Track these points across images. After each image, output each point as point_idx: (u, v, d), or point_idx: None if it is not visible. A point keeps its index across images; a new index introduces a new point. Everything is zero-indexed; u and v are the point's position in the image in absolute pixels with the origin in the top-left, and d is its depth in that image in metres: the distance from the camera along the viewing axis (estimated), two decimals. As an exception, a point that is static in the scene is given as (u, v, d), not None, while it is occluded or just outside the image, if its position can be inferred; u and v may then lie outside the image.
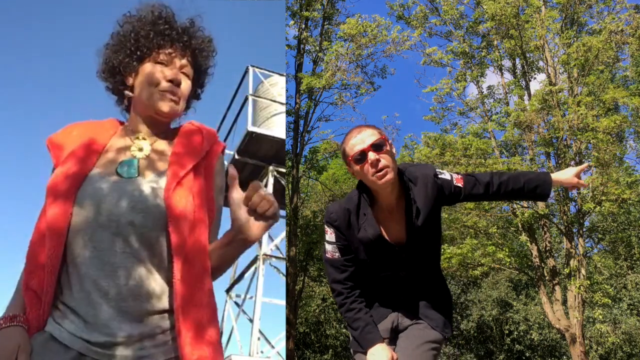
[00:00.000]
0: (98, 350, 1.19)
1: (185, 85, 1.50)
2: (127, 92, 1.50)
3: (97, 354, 1.19)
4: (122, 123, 1.55)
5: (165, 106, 1.44)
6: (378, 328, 2.08)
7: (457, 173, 2.13)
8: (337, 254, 2.06)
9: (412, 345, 2.04)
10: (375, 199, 2.03)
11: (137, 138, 1.46)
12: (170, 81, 1.45)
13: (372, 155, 1.91)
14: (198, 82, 1.60)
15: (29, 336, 1.22)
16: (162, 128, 1.51)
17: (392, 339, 2.14)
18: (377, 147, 1.92)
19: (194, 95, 1.62)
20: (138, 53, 1.47)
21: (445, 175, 2.07)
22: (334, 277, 2.09)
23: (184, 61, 1.50)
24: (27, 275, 1.27)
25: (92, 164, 1.37)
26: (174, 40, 1.49)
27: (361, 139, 1.94)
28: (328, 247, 2.09)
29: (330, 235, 2.06)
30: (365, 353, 2.03)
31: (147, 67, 1.46)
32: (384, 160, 1.91)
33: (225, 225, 1.53)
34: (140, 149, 1.43)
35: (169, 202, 1.30)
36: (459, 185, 2.06)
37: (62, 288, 1.27)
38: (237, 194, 1.29)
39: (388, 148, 1.95)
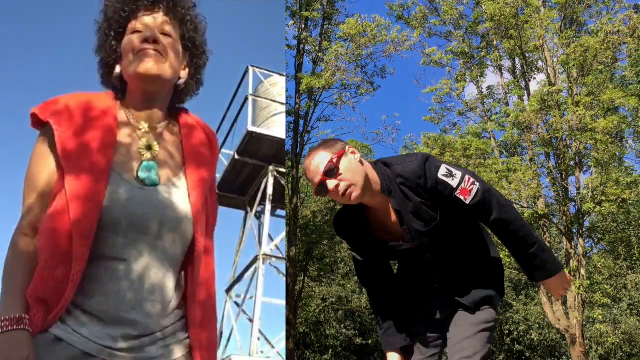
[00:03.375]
0: (112, 352, 1.15)
1: (169, 42, 1.33)
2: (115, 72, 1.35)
3: (111, 355, 1.15)
4: (118, 98, 1.38)
5: (142, 65, 1.28)
6: (400, 332, 2.05)
7: (470, 176, 1.86)
8: (358, 256, 2.08)
9: (462, 332, 1.97)
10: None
11: (140, 129, 1.33)
12: (144, 41, 1.29)
13: (330, 184, 1.81)
14: (189, 47, 1.42)
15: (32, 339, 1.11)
16: (161, 109, 1.38)
17: (439, 328, 2.07)
18: (330, 173, 1.81)
19: (191, 72, 1.45)
20: (112, 34, 1.35)
21: (449, 178, 1.84)
22: (361, 279, 2.13)
23: (160, 18, 1.34)
24: (50, 271, 1.15)
25: (110, 159, 1.24)
26: (141, 3, 1.34)
27: (315, 170, 1.83)
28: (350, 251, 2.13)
29: (348, 245, 2.11)
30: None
31: (125, 40, 1.33)
32: (343, 182, 1.80)
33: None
34: (149, 147, 1.32)
35: (195, 210, 1.30)
36: (461, 197, 1.84)
37: (77, 290, 1.19)
38: None
39: (343, 166, 1.82)
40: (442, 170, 1.85)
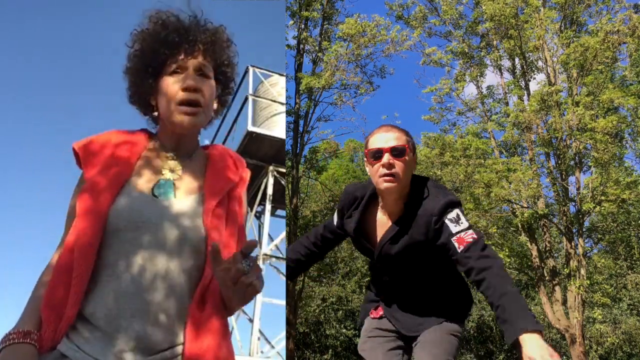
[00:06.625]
0: None
1: (207, 87, 1.39)
2: (154, 114, 1.45)
3: None
4: (151, 135, 1.48)
5: (183, 120, 1.35)
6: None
7: (474, 231, 1.81)
8: (333, 221, 2.19)
9: (429, 337, 2.03)
10: (381, 200, 2.00)
11: (167, 157, 1.41)
12: (185, 90, 1.35)
13: (386, 157, 1.87)
14: (221, 80, 1.48)
15: (39, 355, 1.14)
16: (191, 144, 1.45)
17: (402, 338, 2.14)
18: (396, 151, 1.88)
19: (221, 101, 1.51)
20: (150, 70, 1.39)
21: (453, 223, 1.82)
22: (317, 230, 2.28)
23: (198, 61, 1.39)
24: (52, 288, 1.20)
25: (127, 176, 1.32)
26: (181, 43, 1.38)
27: (385, 138, 1.91)
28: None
29: (337, 209, 2.17)
30: None
31: (163, 81, 1.38)
32: (397, 167, 1.87)
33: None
34: (172, 170, 1.38)
35: (208, 226, 1.29)
36: (455, 245, 1.79)
37: (82, 304, 1.20)
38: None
39: (407, 158, 1.89)
40: (453, 215, 1.85)
